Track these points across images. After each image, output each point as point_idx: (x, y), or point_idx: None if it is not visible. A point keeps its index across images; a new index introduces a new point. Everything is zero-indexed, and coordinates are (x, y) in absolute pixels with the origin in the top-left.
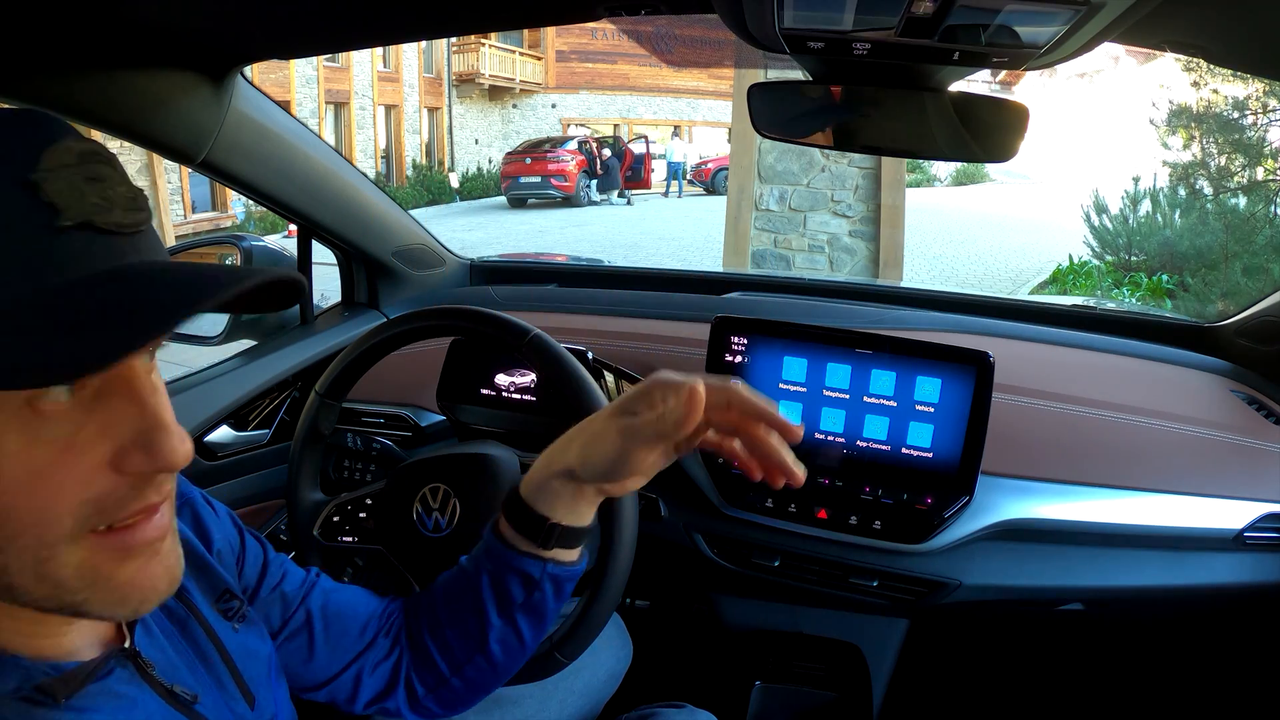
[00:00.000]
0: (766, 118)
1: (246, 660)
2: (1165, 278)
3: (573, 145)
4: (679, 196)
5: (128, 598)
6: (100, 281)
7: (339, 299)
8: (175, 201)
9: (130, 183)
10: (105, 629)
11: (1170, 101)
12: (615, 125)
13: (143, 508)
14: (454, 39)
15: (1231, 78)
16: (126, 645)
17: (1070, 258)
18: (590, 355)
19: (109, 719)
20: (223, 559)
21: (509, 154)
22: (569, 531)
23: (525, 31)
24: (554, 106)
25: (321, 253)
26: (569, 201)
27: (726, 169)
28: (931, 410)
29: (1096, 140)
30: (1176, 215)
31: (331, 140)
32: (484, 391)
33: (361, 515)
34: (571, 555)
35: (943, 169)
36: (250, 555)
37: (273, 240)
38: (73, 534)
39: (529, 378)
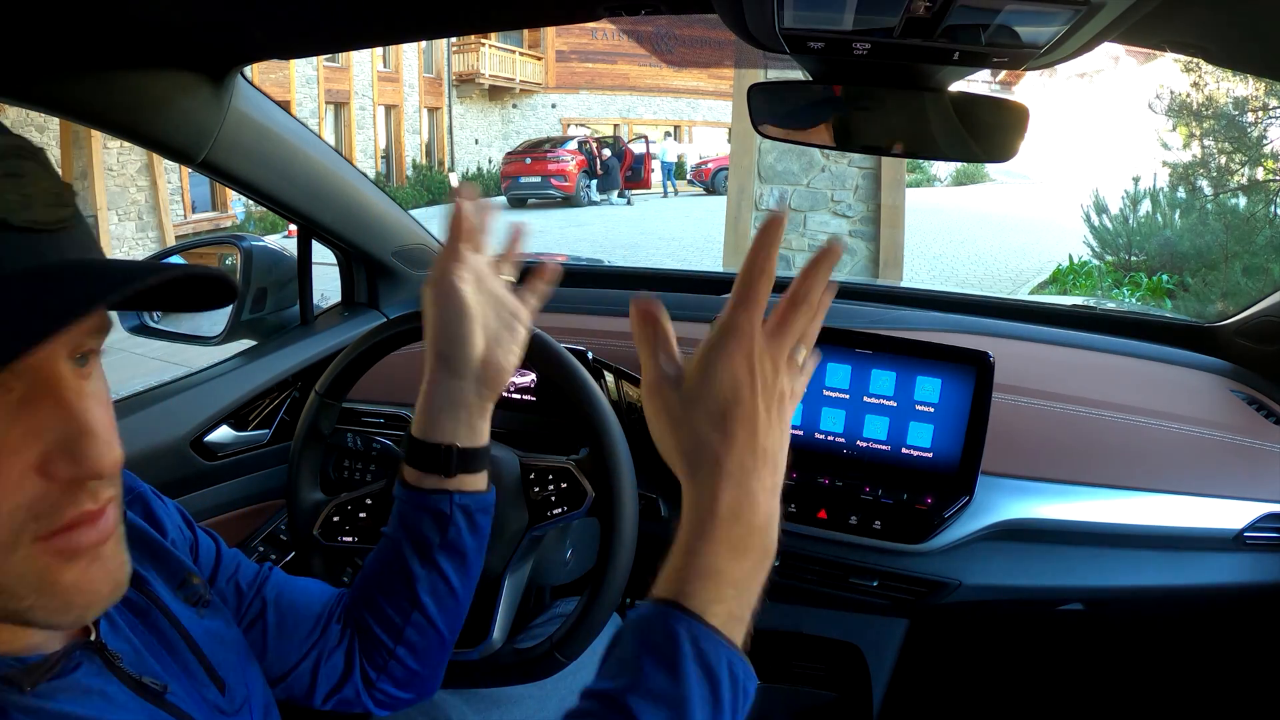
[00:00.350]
0: (766, 118)
1: (213, 646)
2: (1165, 278)
3: (573, 145)
4: (676, 195)
5: (71, 603)
6: (15, 279)
7: (339, 299)
8: (175, 201)
9: (57, 178)
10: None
11: (1171, 94)
12: (615, 125)
13: (78, 515)
14: (454, 39)
15: (1231, 77)
16: (92, 638)
17: (1070, 258)
18: (590, 355)
19: (80, 709)
20: (177, 548)
21: (509, 154)
22: (467, 453)
23: (525, 31)
24: (554, 106)
25: (321, 253)
26: (569, 201)
27: (726, 169)
28: (931, 410)
29: (1096, 140)
30: (1176, 215)
31: (331, 140)
32: None
33: (361, 515)
34: (479, 483)
35: (943, 169)
36: (203, 548)
37: (273, 240)
38: (11, 541)
39: (529, 378)
